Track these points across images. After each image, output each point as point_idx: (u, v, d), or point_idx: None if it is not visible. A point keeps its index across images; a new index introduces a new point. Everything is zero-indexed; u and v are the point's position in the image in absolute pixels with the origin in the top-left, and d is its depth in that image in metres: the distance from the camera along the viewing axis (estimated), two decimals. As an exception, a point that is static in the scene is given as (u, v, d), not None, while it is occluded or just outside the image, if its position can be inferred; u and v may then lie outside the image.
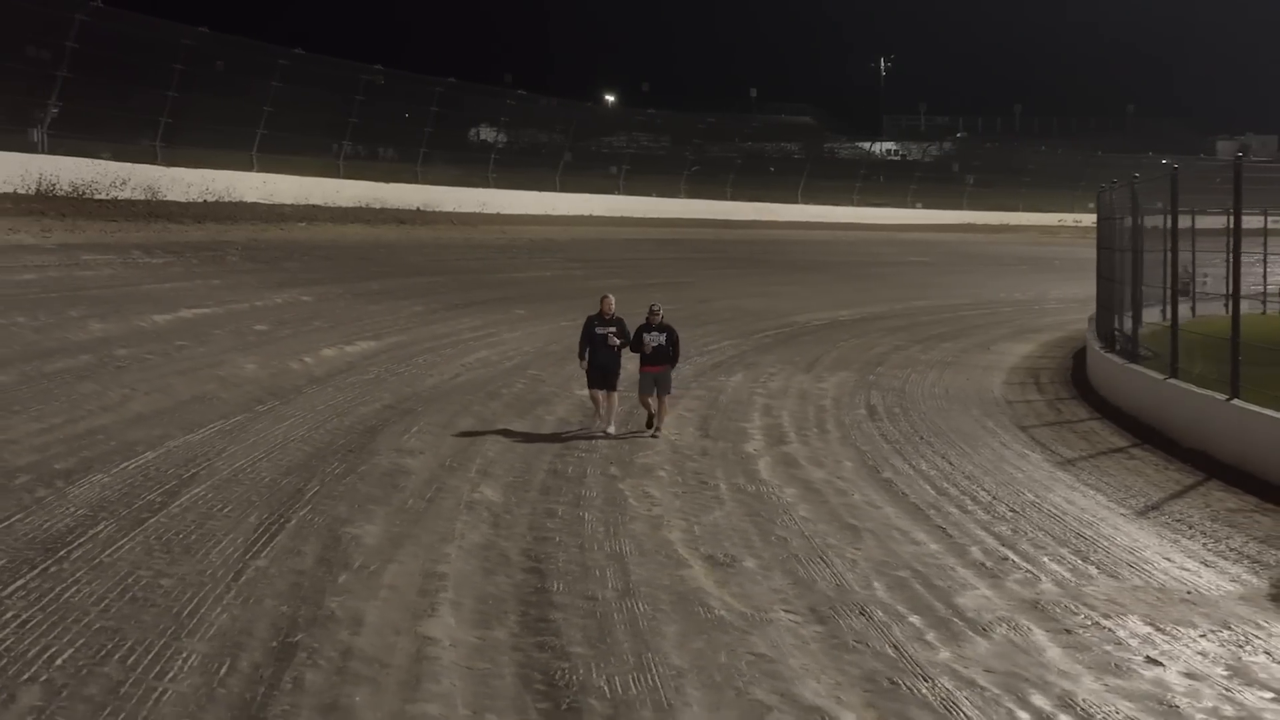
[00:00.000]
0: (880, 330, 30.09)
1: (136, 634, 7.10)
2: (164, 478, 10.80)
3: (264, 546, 9.13)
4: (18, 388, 13.64)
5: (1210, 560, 10.72)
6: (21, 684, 6.30)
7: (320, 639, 7.38)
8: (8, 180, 28.36)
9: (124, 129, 32.61)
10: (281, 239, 31.95)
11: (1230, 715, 7.17)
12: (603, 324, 15.09)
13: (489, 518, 10.76)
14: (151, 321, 19.28)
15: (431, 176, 41.60)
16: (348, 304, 24.49)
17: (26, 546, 8.51)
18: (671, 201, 50.85)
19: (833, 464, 14.20)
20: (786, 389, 19.78)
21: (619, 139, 54.66)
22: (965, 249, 55.14)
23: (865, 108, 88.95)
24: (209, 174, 33.13)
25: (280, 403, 14.99)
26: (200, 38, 33.11)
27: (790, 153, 70.14)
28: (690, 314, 29.72)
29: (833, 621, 8.54)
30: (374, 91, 39.36)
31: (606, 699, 6.88)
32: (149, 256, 26.09)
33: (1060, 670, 7.82)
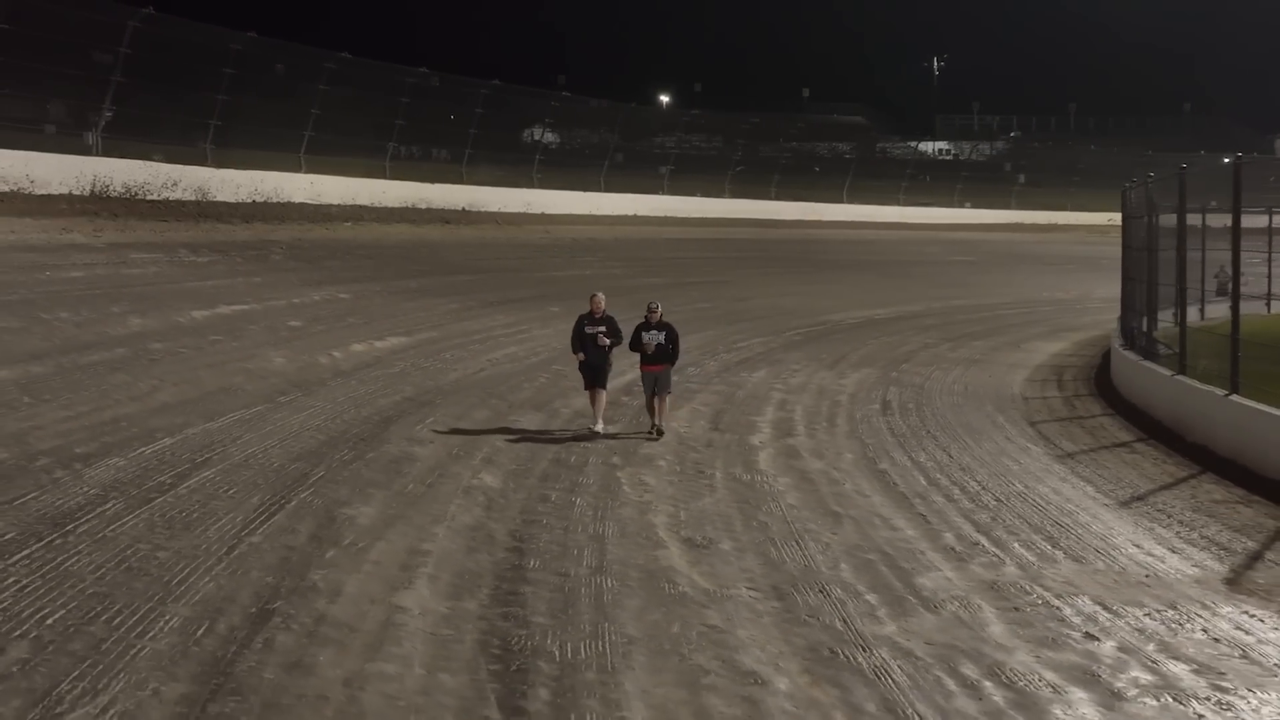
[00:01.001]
0: (914, 328, 30.31)
1: (125, 599, 7.69)
2: (177, 462, 11.42)
3: (261, 524, 9.71)
4: (51, 378, 14.35)
5: (1179, 547, 11.02)
6: (12, 640, 6.91)
7: (298, 606, 7.93)
8: (63, 182, 29.35)
9: (175, 132, 33.55)
10: (326, 238, 32.76)
11: (1147, 682, 7.53)
12: (592, 323, 15.09)
13: (484, 501, 11.27)
14: (190, 317, 20.02)
15: (477, 177, 42.34)
16: (384, 301, 25.14)
17: (37, 521, 9.15)
18: (716, 201, 51.29)
19: (833, 456, 14.56)
20: (806, 385, 20.10)
21: (665, 140, 55.14)
22: (1012, 248, 55.08)
23: (918, 108, 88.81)
24: (258, 175, 33.99)
25: (302, 394, 15.59)
26: (249, 43, 34.02)
27: (841, 152, 70.29)
28: (725, 312, 30.24)
29: (790, 598, 8.98)
30: (420, 94, 40.16)
31: (555, 662, 7.37)
32: (195, 255, 26.92)
33: (998, 643, 8.22)
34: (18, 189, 28.60)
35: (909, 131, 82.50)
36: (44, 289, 20.43)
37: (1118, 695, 7.35)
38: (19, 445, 11.28)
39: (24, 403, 13.01)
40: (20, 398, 13.20)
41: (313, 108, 36.26)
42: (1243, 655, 8.19)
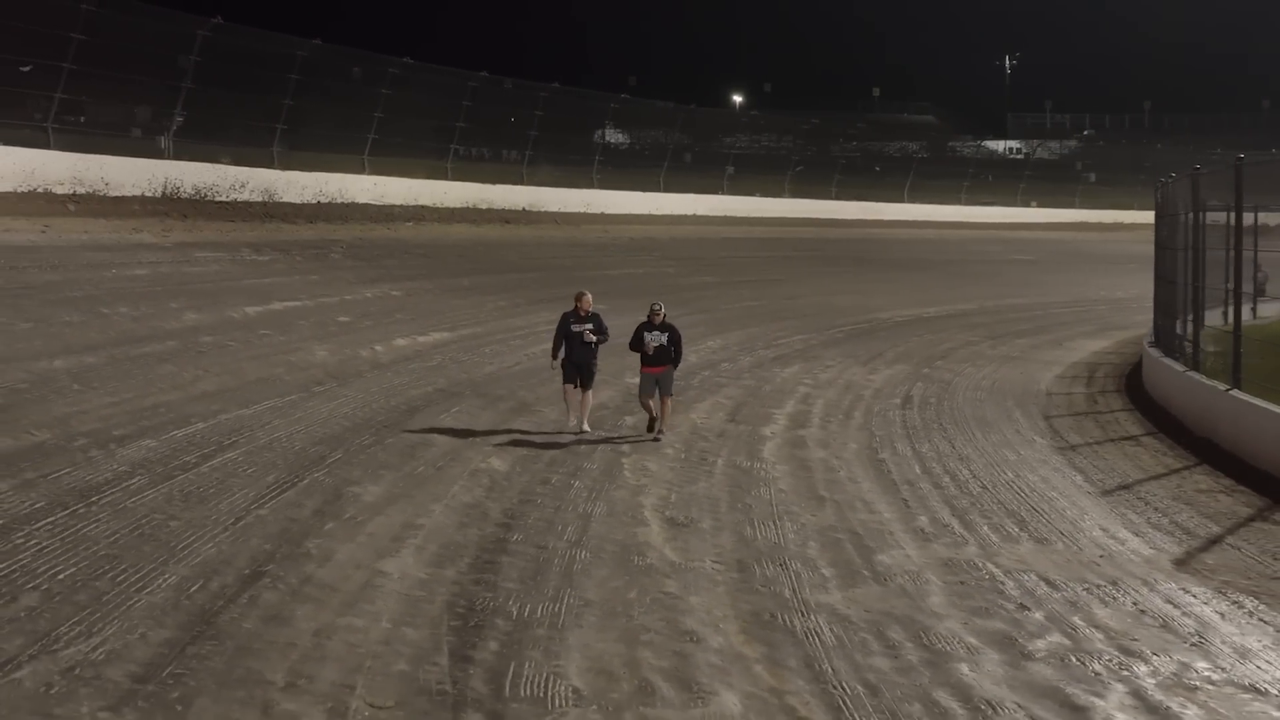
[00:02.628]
0: (960, 326, 30.64)
1: (132, 560, 8.58)
2: (205, 444, 12.33)
3: (271, 499, 10.57)
4: (102, 368, 15.38)
5: (1143, 531, 11.55)
6: (25, 590, 7.81)
7: (287, 569, 8.77)
8: (136, 184, 30.69)
9: (243, 135, 34.80)
10: (386, 238, 33.85)
11: (1060, 646, 8.14)
12: (579, 321, 14.88)
13: (487, 484, 12.02)
14: (243, 313, 21.07)
15: (537, 178, 43.28)
16: (434, 298, 26.07)
17: (66, 493, 10.08)
18: (775, 201, 51.83)
19: (838, 446, 15.15)
20: (834, 380, 20.62)
21: (724, 140, 55.74)
22: (1075, 247, 55.00)
23: (990, 106, 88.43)
24: (322, 177, 35.16)
25: (338, 384, 16.48)
26: (314, 49, 35.24)
27: (911, 152, 70.41)
28: (773, 309, 30.82)
29: (750, 570, 9.67)
30: (481, 96, 41.15)
31: (511, 620, 8.13)
32: (257, 254, 28.07)
33: (932, 611, 8.85)
34: (93, 191, 29.98)
35: (980, 130, 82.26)
36: (108, 286, 21.60)
37: (1027, 656, 7.96)
38: (61, 427, 12.26)
39: (73, 389, 14.02)
40: (70, 385, 14.22)
41: (376, 111, 37.41)
42: (1163, 625, 8.76)
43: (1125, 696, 7.34)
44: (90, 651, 6.91)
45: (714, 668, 7.52)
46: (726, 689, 7.18)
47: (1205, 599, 9.44)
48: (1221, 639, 8.48)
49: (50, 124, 30.29)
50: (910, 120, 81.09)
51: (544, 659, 7.44)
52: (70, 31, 29.82)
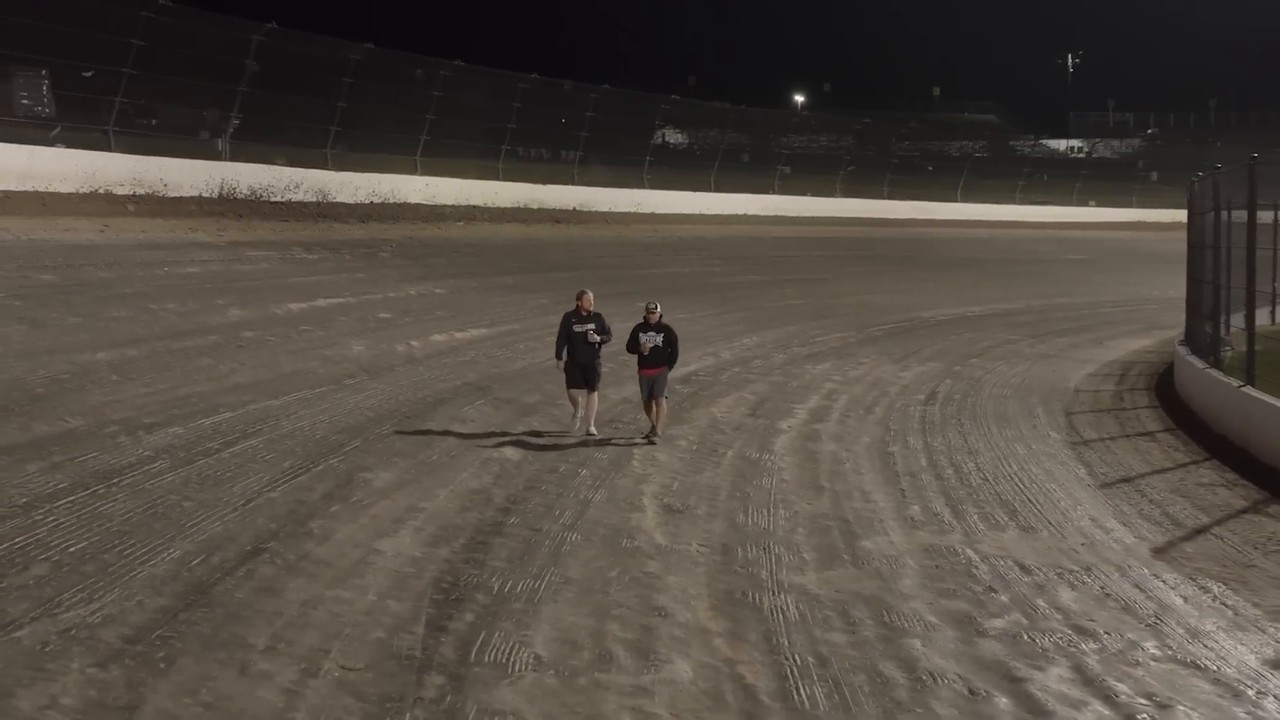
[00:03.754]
0: (1002, 325, 30.77)
1: (141, 536, 9.16)
2: (230, 432, 12.93)
3: (284, 483, 11.13)
4: (142, 360, 16.07)
5: (1133, 522, 11.80)
6: (36, 561, 8.41)
7: (287, 547, 9.30)
8: (194, 185, 31.56)
9: (298, 137, 35.64)
10: (436, 237, 34.52)
11: (1016, 625, 8.48)
12: (580, 321, 14.55)
13: (497, 471, 12.49)
14: (286, 309, 21.76)
15: (588, 178, 43.84)
16: (477, 296, 26.65)
17: (89, 475, 10.70)
18: (827, 201, 52.02)
19: (851, 440, 15.46)
20: (863, 377, 20.91)
21: (778, 140, 55.97)
22: (1131, 246, 54.62)
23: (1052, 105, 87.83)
24: (375, 178, 35.90)
25: (368, 378, 17.05)
26: (366, 53, 36.02)
27: (971, 151, 70.20)
28: (816, 308, 31.13)
29: (733, 553, 10.07)
30: (532, 98, 41.75)
31: (491, 594, 8.60)
32: (307, 253, 28.83)
33: (900, 593, 9.22)
34: (152, 192, 30.86)
35: (1042, 130, 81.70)
36: (159, 283, 22.38)
37: (981, 633, 8.31)
38: (95, 415, 12.91)
39: (111, 380, 14.70)
40: (110, 376, 14.91)
41: (428, 113, 38.10)
42: (1124, 608, 9.06)
43: (1066, 671, 7.67)
44: (88, 615, 7.47)
45: (675, 640, 7.94)
46: (682, 658, 7.60)
47: (1174, 584, 9.72)
48: (1178, 620, 8.76)
49: (111, 127, 31.24)
50: (970, 120, 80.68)
51: (514, 629, 7.90)
52: (130, 38, 30.75)
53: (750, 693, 7.13)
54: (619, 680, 7.19)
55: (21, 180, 27.94)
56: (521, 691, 6.92)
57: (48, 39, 29.43)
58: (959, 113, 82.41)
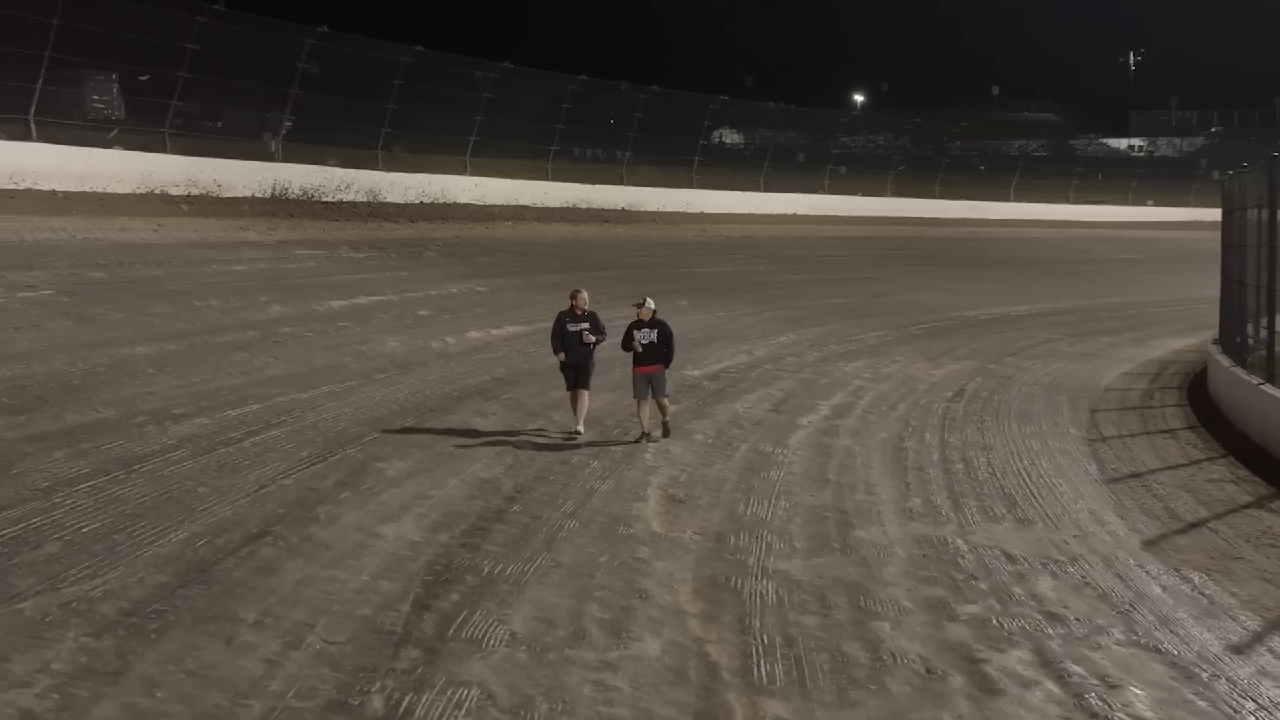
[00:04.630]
0: (1045, 325, 30.74)
1: (153, 519, 9.61)
2: (254, 422, 13.39)
3: (299, 471, 11.54)
4: (179, 354, 16.62)
5: (1130, 515, 11.96)
6: (49, 540, 8.88)
7: (292, 530, 9.71)
8: (247, 185, 32.32)
9: (349, 139, 36.33)
10: (483, 236, 35.04)
11: (989, 611, 8.72)
12: (574, 320, 14.31)
13: (510, 461, 12.83)
14: (327, 306, 22.28)
15: (637, 178, 44.23)
16: (517, 294, 27.04)
17: (112, 462, 11.19)
18: (878, 200, 52.05)
19: (868, 435, 15.64)
20: (894, 375, 21.03)
21: (830, 140, 56.03)
22: (1187, 246, 53.98)
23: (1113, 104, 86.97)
24: (425, 178, 36.52)
25: (399, 373, 17.48)
26: (417, 55, 36.64)
27: (1030, 150, 69.83)
28: (858, 307, 31.27)
29: (725, 541, 10.36)
30: (581, 99, 42.19)
31: (480, 576, 8.96)
32: (354, 252, 29.42)
33: (882, 579, 9.47)
34: (206, 192, 31.66)
35: (1103, 128, 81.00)
36: (206, 281, 23.02)
37: (951, 618, 8.56)
38: (126, 406, 13.43)
39: (147, 373, 15.24)
40: (146, 369, 15.45)
41: (478, 114, 38.66)
42: (1101, 596, 9.26)
43: (1026, 653, 7.89)
44: (90, 590, 7.91)
45: (651, 620, 8.25)
46: (653, 637, 7.91)
47: (1156, 575, 9.89)
48: (1151, 608, 8.95)
49: (167, 130, 32.06)
50: (1030, 119, 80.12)
51: (496, 609, 8.25)
52: (185, 42, 31.54)
53: (712, 669, 7.43)
54: (587, 656, 7.52)
55: (80, 181, 28.79)
56: (491, 665, 7.26)
57: (105, 44, 30.28)
58: (1019, 112, 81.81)
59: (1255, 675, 7.68)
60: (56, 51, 29.08)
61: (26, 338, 16.34)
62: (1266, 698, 7.32)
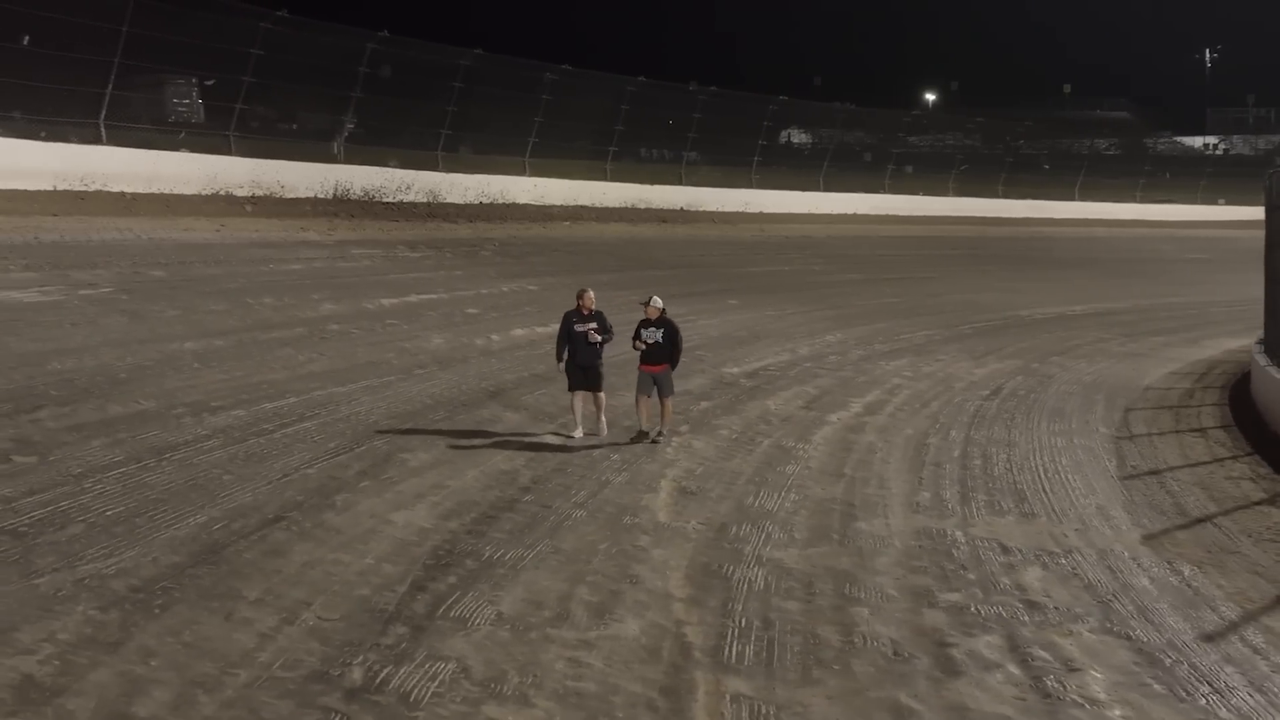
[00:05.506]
0: (1100, 324, 30.61)
1: (175, 504, 10.10)
2: (288, 415, 13.86)
3: (323, 461, 11.99)
4: (226, 349, 17.18)
5: (1137, 510, 12.13)
6: (73, 521, 9.39)
7: (308, 516, 10.16)
8: (309, 186, 33.12)
9: (410, 140, 37.05)
10: (540, 236, 35.52)
11: (970, 599, 8.98)
12: (581, 320, 14.12)
13: (532, 454, 13.17)
14: (378, 304, 22.82)
15: (696, 178, 44.57)
16: (568, 292, 26.97)
17: (145, 450, 11.71)
18: (940, 200, 51.93)
19: (894, 432, 15.82)
20: (935, 374, 21.12)
21: (890, 139, 55.95)
22: (1256, 245, 53.05)
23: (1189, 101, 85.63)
24: (484, 179, 37.13)
25: (439, 369, 17.90)
26: (476, 58, 37.26)
27: (1101, 149, 69.12)
28: (911, 306, 31.32)
29: (726, 531, 10.66)
30: (640, 100, 42.60)
31: (479, 560, 9.35)
32: (411, 251, 30.02)
33: (873, 568, 9.74)
34: (270, 193, 32.52)
35: (1178, 126, 79.83)
36: (262, 279, 23.67)
37: (931, 604, 8.84)
38: (167, 398, 13.98)
39: (193, 368, 15.81)
40: (191, 364, 16.02)
41: (537, 116, 39.22)
42: (1086, 586, 9.47)
43: (997, 639, 8.15)
44: (104, 568, 8.40)
45: (636, 603, 8.59)
46: (635, 618, 8.26)
47: (1147, 567, 10.07)
48: (1133, 598, 9.16)
49: (232, 132, 32.94)
50: (1102, 117, 79.11)
51: (488, 590, 8.63)
52: (250, 48, 32.39)
53: (685, 649, 7.76)
54: (567, 635, 7.87)
55: (148, 183, 29.71)
56: (473, 642, 7.64)
57: (173, 50, 31.18)
58: (1091, 110, 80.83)
59: (1219, 662, 7.87)
60: (126, 58, 29.99)
61: (81, 333, 16.99)
62: (1224, 682, 7.51)
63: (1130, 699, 7.21)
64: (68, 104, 29.70)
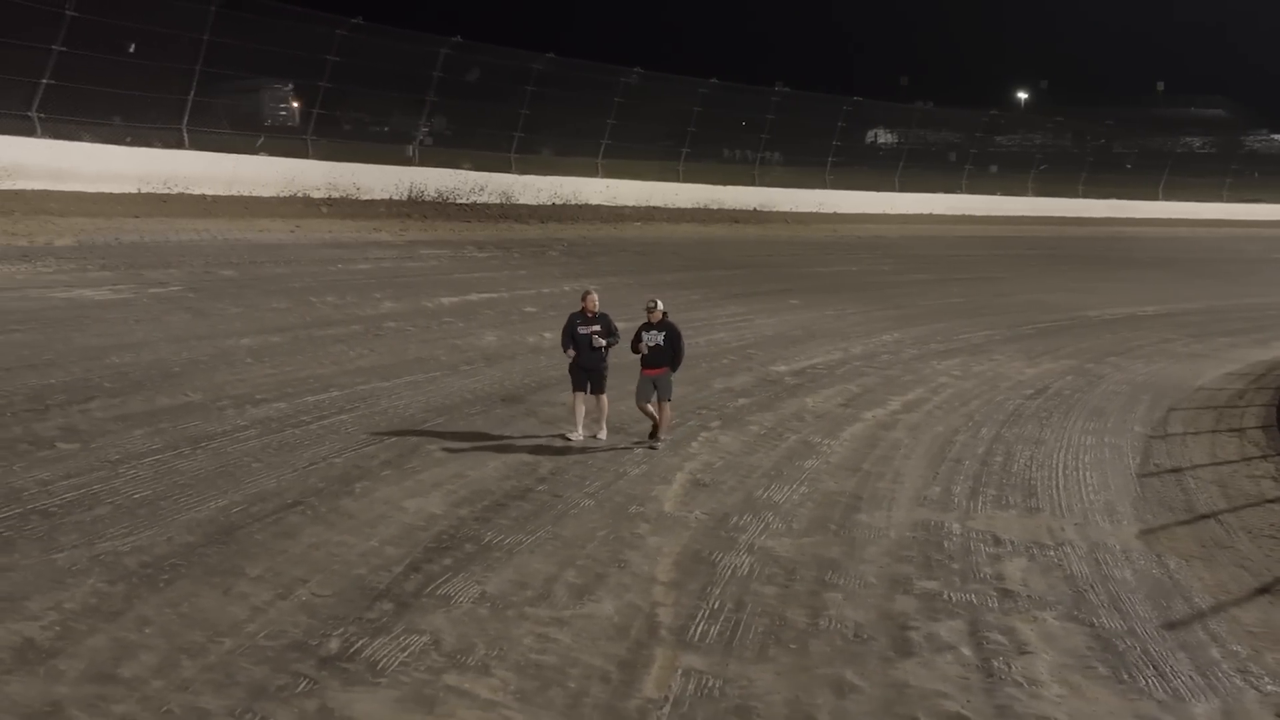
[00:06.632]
0: (1169, 325, 30.35)
1: (200, 488, 10.71)
2: (328, 408, 14.45)
3: (351, 451, 12.54)
4: (280, 345, 17.85)
5: (1145, 506, 12.33)
6: (101, 503, 10.03)
7: (324, 501, 10.71)
8: (384, 188, 33.99)
9: (484, 143, 37.82)
10: (609, 236, 36.03)
11: (945, 589, 9.23)
12: (585, 322, 14.09)
13: (560, 447, 13.60)
14: (438, 303, 23.45)
15: (770, 179, 44.83)
16: (629, 292, 27.71)
17: (183, 439, 12.35)
18: (1018, 200, 51.61)
19: (925, 429, 16.00)
20: (984, 373, 21.15)
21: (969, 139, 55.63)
22: (1350, 246, 52.32)
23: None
24: (557, 180, 37.74)
25: (485, 364, 18.42)
26: (548, 62, 37.91)
27: (1192, 147, 68.06)
28: (975, 306, 31.30)
29: (727, 521, 11.03)
30: (713, 102, 42.99)
31: (479, 545, 9.82)
32: (479, 251, 30.69)
33: (860, 557, 10.07)
34: (345, 195, 33.43)
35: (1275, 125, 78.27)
36: (328, 279, 24.44)
37: (906, 591, 9.16)
38: (214, 391, 14.66)
39: (245, 363, 16.50)
40: (244, 359, 16.71)
41: (609, 118, 39.78)
42: (1066, 577, 9.73)
43: (960, 624, 8.45)
44: (120, 546, 9.01)
45: (619, 585, 9.02)
46: (613, 599, 8.68)
47: (1134, 560, 10.29)
48: (1109, 589, 9.40)
49: (309, 136, 33.92)
50: (1196, 115, 77.92)
51: (479, 572, 9.11)
52: (326, 54, 33.34)
53: (654, 628, 8.17)
54: (542, 613, 8.32)
55: (228, 186, 30.73)
56: (451, 618, 8.12)
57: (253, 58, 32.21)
58: (1185, 107, 79.61)
59: (1173, 648, 8.11)
60: (207, 65, 31.04)
61: (144, 329, 17.79)
62: (1170, 666, 7.76)
63: (1071, 680, 7.48)
64: (151, 110, 30.83)
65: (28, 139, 27.69)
